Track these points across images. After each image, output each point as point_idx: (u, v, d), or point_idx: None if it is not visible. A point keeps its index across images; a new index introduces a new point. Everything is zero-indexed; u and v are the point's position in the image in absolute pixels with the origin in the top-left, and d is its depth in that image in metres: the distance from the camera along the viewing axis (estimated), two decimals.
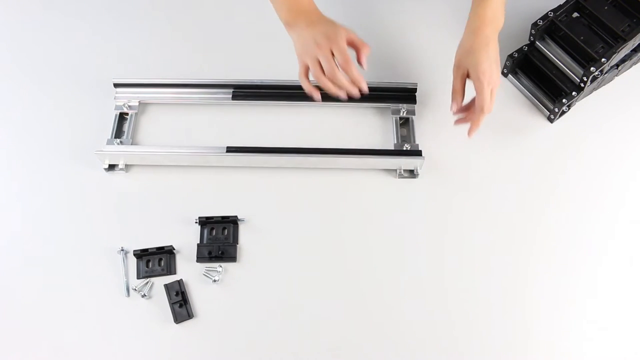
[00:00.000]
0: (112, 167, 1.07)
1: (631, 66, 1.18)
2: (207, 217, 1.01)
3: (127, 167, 1.08)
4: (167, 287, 0.97)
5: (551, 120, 1.13)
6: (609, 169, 1.08)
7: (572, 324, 0.95)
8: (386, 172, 1.08)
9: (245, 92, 1.13)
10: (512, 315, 0.96)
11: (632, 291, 0.97)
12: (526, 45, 1.14)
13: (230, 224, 1.02)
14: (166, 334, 0.94)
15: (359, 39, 0.97)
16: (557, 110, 1.10)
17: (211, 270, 0.98)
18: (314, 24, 0.97)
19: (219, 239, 1.01)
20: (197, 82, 1.13)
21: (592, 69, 1.03)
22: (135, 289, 0.96)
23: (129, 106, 1.12)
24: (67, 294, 0.97)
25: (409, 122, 1.12)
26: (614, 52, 1.04)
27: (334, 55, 0.94)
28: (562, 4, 1.09)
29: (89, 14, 1.27)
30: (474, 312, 0.96)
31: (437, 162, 1.08)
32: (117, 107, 1.12)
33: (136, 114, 1.12)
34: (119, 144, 1.07)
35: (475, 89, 0.96)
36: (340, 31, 0.94)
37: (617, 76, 1.17)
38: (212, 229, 1.01)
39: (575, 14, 1.09)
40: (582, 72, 1.06)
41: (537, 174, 1.08)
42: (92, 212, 1.04)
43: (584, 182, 1.07)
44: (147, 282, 0.98)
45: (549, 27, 1.10)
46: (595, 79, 1.07)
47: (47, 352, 0.92)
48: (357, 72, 0.95)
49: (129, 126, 1.11)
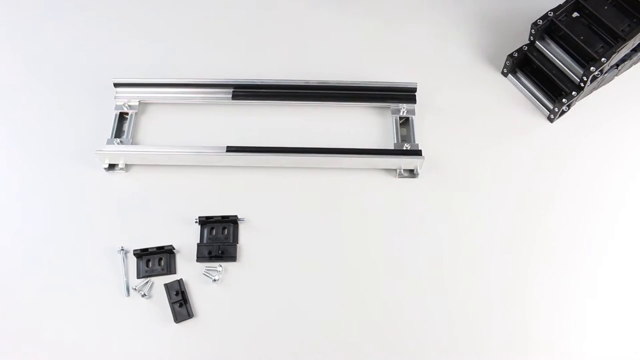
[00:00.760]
0: (112, 166, 1.08)
1: (631, 66, 1.18)
2: (207, 217, 1.01)
3: (127, 166, 1.08)
4: (167, 286, 0.97)
5: (551, 120, 1.13)
6: (609, 168, 1.08)
7: (572, 324, 0.95)
8: (386, 171, 1.08)
9: (245, 92, 1.13)
10: (512, 315, 0.95)
11: (632, 291, 0.97)
12: (526, 45, 1.14)
13: (230, 223, 1.02)
14: (166, 334, 0.94)
15: None
16: (557, 110, 1.10)
17: (211, 269, 0.99)
18: None
19: (219, 239, 1.01)
20: (197, 82, 1.13)
21: (592, 68, 1.03)
22: (135, 289, 0.96)
23: (129, 106, 1.12)
24: (67, 293, 0.97)
25: (409, 121, 1.12)
26: (614, 52, 1.04)
27: None
28: (562, 3, 1.09)
29: (89, 14, 1.27)
30: (473, 311, 0.96)
31: (437, 162, 1.08)
32: (117, 107, 1.12)
33: (136, 113, 1.12)
34: (119, 143, 1.07)
35: None
36: None
37: (617, 76, 1.17)
38: (212, 229, 1.01)
39: (575, 14, 1.09)
40: (582, 72, 1.06)
41: (537, 173, 1.08)
42: (92, 211, 1.04)
43: (584, 182, 1.07)
44: (147, 282, 0.98)
45: (549, 26, 1.10)
46: (595, 78, 1.07)
47: (47, 352, 0.92)
48: None
49: (129, 126, 1.11)
